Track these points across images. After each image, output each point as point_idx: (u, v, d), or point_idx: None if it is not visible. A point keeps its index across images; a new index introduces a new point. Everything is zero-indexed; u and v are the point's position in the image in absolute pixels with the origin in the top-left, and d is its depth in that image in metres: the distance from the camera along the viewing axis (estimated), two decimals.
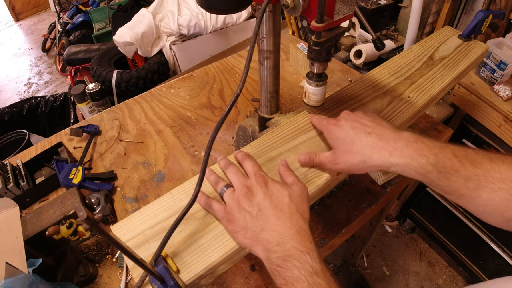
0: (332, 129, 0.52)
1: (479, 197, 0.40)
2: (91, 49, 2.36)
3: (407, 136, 0.45)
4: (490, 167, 0.40)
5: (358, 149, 0.47)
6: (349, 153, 0.48)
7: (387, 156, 0.45)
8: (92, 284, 0.70)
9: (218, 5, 0.56)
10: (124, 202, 0.85)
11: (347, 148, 0.49)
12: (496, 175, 0.39)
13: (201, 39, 2.09)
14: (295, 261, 0.40)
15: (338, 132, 0.51)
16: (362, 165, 0.47)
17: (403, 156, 0.44)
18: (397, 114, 0.65)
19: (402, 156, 0.44)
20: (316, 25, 0.46)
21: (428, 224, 1.67)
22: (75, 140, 1.03)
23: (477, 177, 0.40)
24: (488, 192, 0.39)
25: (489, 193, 0.39)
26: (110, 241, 0.33)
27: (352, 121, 0.51)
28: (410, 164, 0.43)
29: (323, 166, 0.53)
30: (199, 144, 0.99)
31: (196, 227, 0.49)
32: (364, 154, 0.46)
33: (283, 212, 0.45)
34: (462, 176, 0.41)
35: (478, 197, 0.40)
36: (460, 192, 0.41)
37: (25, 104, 2.11)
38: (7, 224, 0.59)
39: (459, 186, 0.41)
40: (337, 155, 0.50)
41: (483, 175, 0.40)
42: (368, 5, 1.63)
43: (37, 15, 4.97)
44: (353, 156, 0.48)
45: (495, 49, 1.15)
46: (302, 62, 1.21)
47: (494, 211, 0.40)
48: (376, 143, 0.46)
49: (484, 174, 0.40)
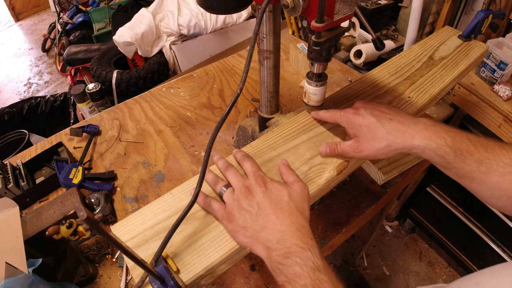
0: (353, 118, 0.53)
1: (490, 180, 0.43)
2: (91, 49, 2.36)
3: (425, 121, 0.49)
4: (501, 152, 0.43)
5: (382, 134, 0.49)
6: (374, 139, 0.50)
7: (410, 138, 0.47)
8: (92, 284, 0.70)
9: (218, 5, 0.56)
10: (124, 202, 0.85)
11: (372, 135, 0.50)
12: (506, 160, 0.42)
13: (201, 39, 2.09)
14: (296, 258, 0.40)
15: (361, 120, 0.52)
16: (387, 149, 0.49)
17: (424, 138, 0.46)
18: None
19: (422, 138, 0.46)
20: (316, 25, 0.46)
21: (428, 224, 1.67)
22: (75, 140, 1.03)
23: (488, 160, 0.43)
24: (498, 176, 0.42)
25: (499, 176, 0.42)
26: (110, 241, 0.33)
27: (371, 109, 0.53)
28: (430, 145, 0.46)
29: (346, 155, 0.54)
30: (199, 144, 0.99)
31: (196, 227, 0.49)
32: (389, 138, 0.49)
33: (282, 211, 0.46)
34: (475, 159, 0.43)
35: (488, 180, 0.43)
36: (473, 175, 0.44)
37: (25, 104, 2.12)
38: (7, 224, 0.59)
39: (472, 168, 0.43)
40: (360, 142, 0.52)
41: (494, 159, 0.42)
42: (368, 5, 1.63)
43: (37, 15, 4.97)
44: (378, 141, 0.50)
45: (495, 49, 1.15)
46: (302, 62, 1.21)
47: (502, 195, 0.43)
48: (399, 127, 0.49)
49: (495, 158, 0.42)
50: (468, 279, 0.39)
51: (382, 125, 0.50)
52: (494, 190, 0.43)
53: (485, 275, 0.37)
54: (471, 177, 0.44)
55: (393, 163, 0.85)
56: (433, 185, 1.50)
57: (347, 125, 0.55)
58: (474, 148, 0.44)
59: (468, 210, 1.41)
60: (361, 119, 0.52)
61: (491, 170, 0.42)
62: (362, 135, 0.52)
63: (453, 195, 1.44)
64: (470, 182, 0.45)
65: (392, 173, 0.83)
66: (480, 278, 0.38)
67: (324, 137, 0.60)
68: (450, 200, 1.46)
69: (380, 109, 0.53)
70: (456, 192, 1.40)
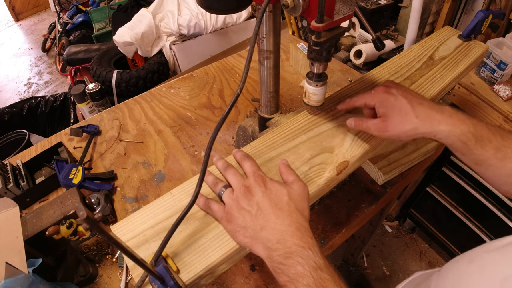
0: (386, 97, 0.54)
1: (505, 167, 0.45)
2: (91, 49, 2.36)
3: (449, 109, 0.51)
4: None
5: (412, 117, 0.50)
6: (403, 121, 0.51)
7: (437, 124, 0.49)
8: (92, 284, 0.70)
9: (218, 5, 0.56)
10: (124, 202, 0.85)
11: (401, 117, 0.51)
12: None
13: (201, 39, 2.09)
14: (298, 258, 0.40)
15: (393, 101, 0.53)
16: (413, 132, 0.51)
17: (449, 124, 0.49)
18: None
19: (447, 124, 0.49)
20: (316, 25, 0.46)
21: (428, 224, 1.67)
22: (75, 140, 1.03)
23: (504, 148, 0.46)
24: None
25: None
26: (110, 241, 0.33)
27: (402, 91, 0.54)
28: (454, 131, 0.48)
29: (369, 132, 0.56)
30: (199, 144, 0.99)
31: (196, 227, 0.49)
32: (417, 122, 0.50)
33: (282, 211, 0.46)
34: (493, 146, 0.46)
35: (504, 167, 0.46)
36: (490, 161, 0.46)
37: (25, 104, 2.12)
38: (7, 224, 0.59)
39: (490, 155, 0.46)
40: (388, 122, 0.52)
41: (509, 147, 0.45)
42: (368, 5, 1.63)
43: (37, 15, 4.97)
44: (406, 124, 0.51)
45: (495, 49, 1.15)
46: (302, 62, 1.21)
47: None
48: (429, 112, 0.50)
49: (510, 146, 0.46)
50: (461, 258, 0.40)
51: (413, 109, 0.51)
52: (508, 177, 0.46)
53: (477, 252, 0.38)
54: (487, 164, 0.47)
55: (393, 163, 0.85)
56: (433, 185, 1.50)
57: (379, 103, 0.55)
58: (493, 135, 0.46)
59: (468, 210, 1.41)
60: (393, 99, 0.53)
61: (506, 157, 0.45)
62: (391, 115, 0.52)
63: (453, 195, 1.44)
64: (486, 169, 0.48)
65: (392, 173, 0.83)
66: (473, 255, 0.39)
67: (324, 136, 0.60)
68: (450, 200, 1.46)
69: (410, 93, 0.54)
70: (456, 192, 1.40)
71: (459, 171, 1.33)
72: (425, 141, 0.91)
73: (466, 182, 1.32)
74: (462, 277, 0.37)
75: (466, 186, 1.32)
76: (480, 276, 0.34)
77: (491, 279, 0.33)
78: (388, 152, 0.87)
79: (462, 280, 0.36)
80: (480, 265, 0.36)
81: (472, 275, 0.35)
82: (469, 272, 0.36)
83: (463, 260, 0.39)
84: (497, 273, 0.33)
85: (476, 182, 1.27)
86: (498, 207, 1.24)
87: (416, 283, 0.54)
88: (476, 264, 0.36)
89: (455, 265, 0.40)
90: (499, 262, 0.34)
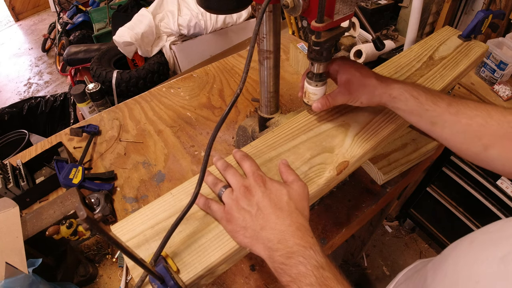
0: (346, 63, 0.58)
1: (459, 122, 0.47)
2: (91, 49, 2.36)
3: None
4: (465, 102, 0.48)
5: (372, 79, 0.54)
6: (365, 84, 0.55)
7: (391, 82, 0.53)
8: (92, 284, 0.70)
9: (218, 5, 0.56)
10: (124, 202, 0.85)
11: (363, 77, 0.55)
12: (471, 105, 0.47)
13: (201, 39, 2.09)
14: (299, 257, 0.40)
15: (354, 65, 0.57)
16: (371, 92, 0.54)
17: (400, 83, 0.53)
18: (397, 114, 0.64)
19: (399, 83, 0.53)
20: (316, 25, 0.46)
21: (428, 224, 1.67)
22: (75, 140, 1.03)
23: (456, 104, 0.48)
24: (466, 118, 0.46)
25: (467, 119, 0.46)
26: (110, 241, 0.33)
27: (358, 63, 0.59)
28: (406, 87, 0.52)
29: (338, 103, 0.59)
30: (199, 144, 0.99)
31: (196, 227, 0.49)
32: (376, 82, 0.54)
33: (282, 210, 0.45)
34: (445, 102, 0.49)
35: (458, 122, 0.47)
36: (444, 117, 0.48)
37: (25, 104, 2.11)
38: (7, 224, 0.59)
39: (443, 110, 0.48)
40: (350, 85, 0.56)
41: (461, 103, 0.48)
42: (368, 5, 1.63)
43: (37, 15, 4.97)
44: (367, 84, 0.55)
45: (495, 49, 1.15)
46: (302, 62, 1.21)
47: (472, 138, 0.46)
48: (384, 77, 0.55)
49: (462, 103, 0.48)
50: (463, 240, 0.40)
51: (372, 72, 0.55)
52: (464, 133, 0.47)
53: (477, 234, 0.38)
54: (443, 120, 0.48)
55: (393, 163, 0.85)
56: (433, 185, 1.50)
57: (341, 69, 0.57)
58: (443, 95, 0.50)
59: (468, 210, 1.41)
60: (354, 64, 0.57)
61: (459, 112, 0.47)
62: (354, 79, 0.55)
63: (453, 195, 1.44)
64: (442, 128, 0.49)
65: (392, 173, 0.83)
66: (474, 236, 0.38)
67: (324, 136, 0.60)
68: (450, 200, 1.46)
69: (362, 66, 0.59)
70: (456, 192, 1.40)
71: (459, 171, 1.33)
72: (425, 141, 0.91)
73: (466, 182, 1.32)
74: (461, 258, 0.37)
75: (466, 186, 1.32)
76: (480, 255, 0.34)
77: (490, 258, 0.33)
78: (388, 152, 0.87)
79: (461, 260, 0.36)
80: (480, 245, 0.36)
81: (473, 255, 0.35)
82: (469, 252, 0.36)
83: (464, 242, 0.39)
84: (496, 251, 0.33)
85: (476, 182, 1.27)
86: (498, 207, 1.24)
87: (416, 270, 0.54)
88: (477, 244, 0.36)
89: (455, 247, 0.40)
90: (498, 241, 0.34)
